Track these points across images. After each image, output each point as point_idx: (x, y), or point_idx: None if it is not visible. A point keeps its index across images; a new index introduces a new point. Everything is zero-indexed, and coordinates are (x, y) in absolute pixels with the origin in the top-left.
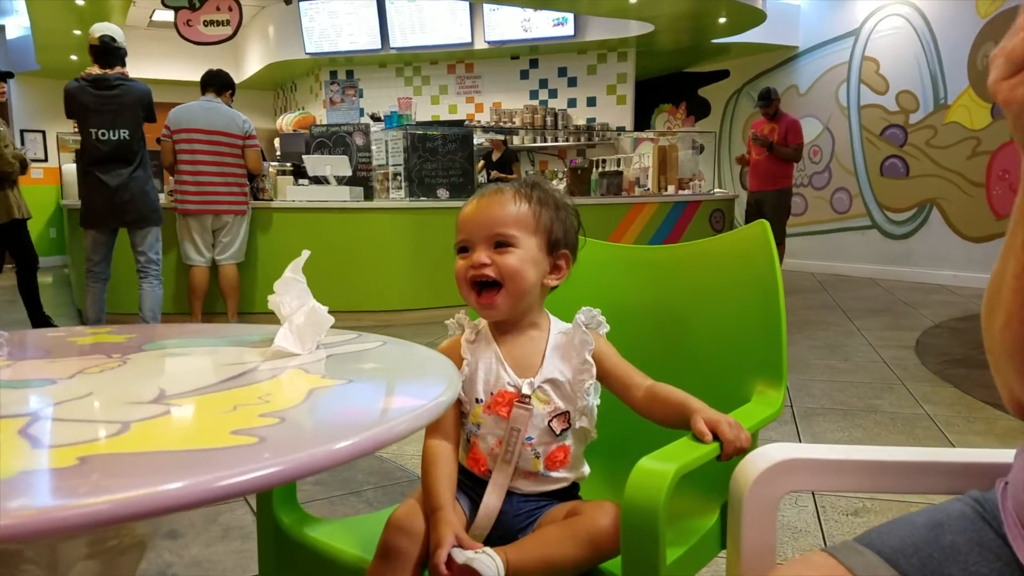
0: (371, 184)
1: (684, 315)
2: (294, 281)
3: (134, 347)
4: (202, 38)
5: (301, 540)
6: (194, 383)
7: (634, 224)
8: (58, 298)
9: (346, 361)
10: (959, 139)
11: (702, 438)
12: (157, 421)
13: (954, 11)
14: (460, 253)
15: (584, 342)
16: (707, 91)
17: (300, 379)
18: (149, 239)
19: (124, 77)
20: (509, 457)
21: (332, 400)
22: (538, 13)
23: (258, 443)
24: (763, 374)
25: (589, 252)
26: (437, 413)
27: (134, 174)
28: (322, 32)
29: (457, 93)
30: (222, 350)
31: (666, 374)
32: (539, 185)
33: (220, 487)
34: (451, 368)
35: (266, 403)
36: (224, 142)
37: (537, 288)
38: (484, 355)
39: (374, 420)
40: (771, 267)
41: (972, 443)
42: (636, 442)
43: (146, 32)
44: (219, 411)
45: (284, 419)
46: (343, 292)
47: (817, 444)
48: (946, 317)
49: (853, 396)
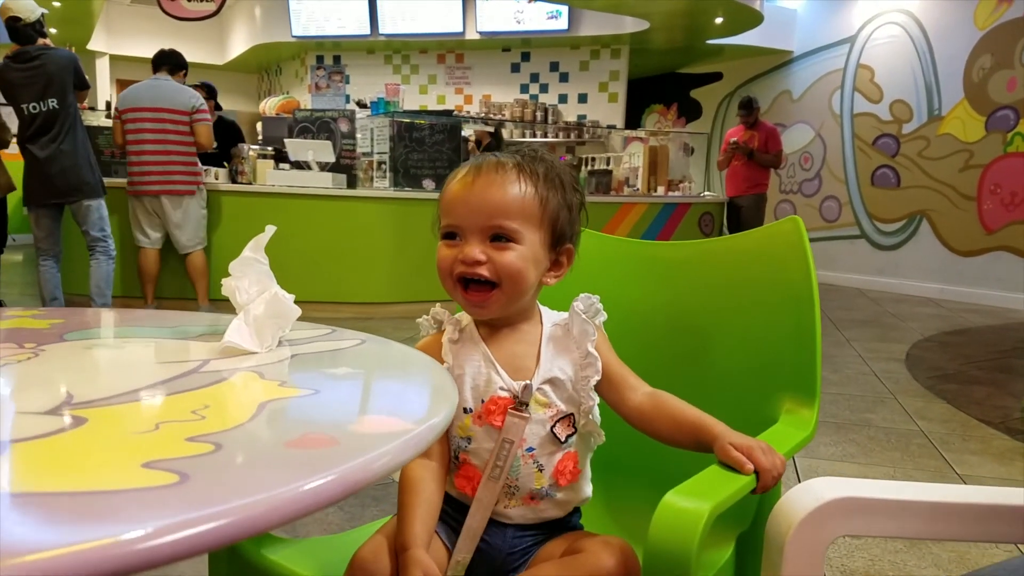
0: (354, 172)
1: (704, 320)
2: (254, 262)
3: (54, 336)
4: (185, 13)
5: (258, 562)
6: (112, 387)
7: (622, 224)
8: (27, 276)
9: (314, 364)
10: (952, 151)
11: (740, 467)
12: (44, 443)
13: (951, 22)
14: (445, 239)
15: (584, 332)
16: (699, 93)
17: (252, 386)
18: (90, 215)
19: (46, 47)
20: (497, 473)
21: (289, 419)
22: (532, 5)
23: (175, 485)
24: (794, 391)
25: (597, 246)
26: (428, 440)
27: (62, 146)
28: (310, 15)
29: (446, 84)
30: (160, 344)
31: (681, 386)
32: (544, 159)
33: (92, 561)
34: (444, 376)
35: (200, 420)
36: (168, 119)
37: (535, 286)
38: (471, 357)
39: (343, 452)
40: (805, 270)
41: (969, 462)
42: (637, 455)
43: (130, 8)
44: (135, 429)
45: (219, 446)
46: (321, 282)
47: (873, 480)
48: (935, 331)
49: (845, 409)
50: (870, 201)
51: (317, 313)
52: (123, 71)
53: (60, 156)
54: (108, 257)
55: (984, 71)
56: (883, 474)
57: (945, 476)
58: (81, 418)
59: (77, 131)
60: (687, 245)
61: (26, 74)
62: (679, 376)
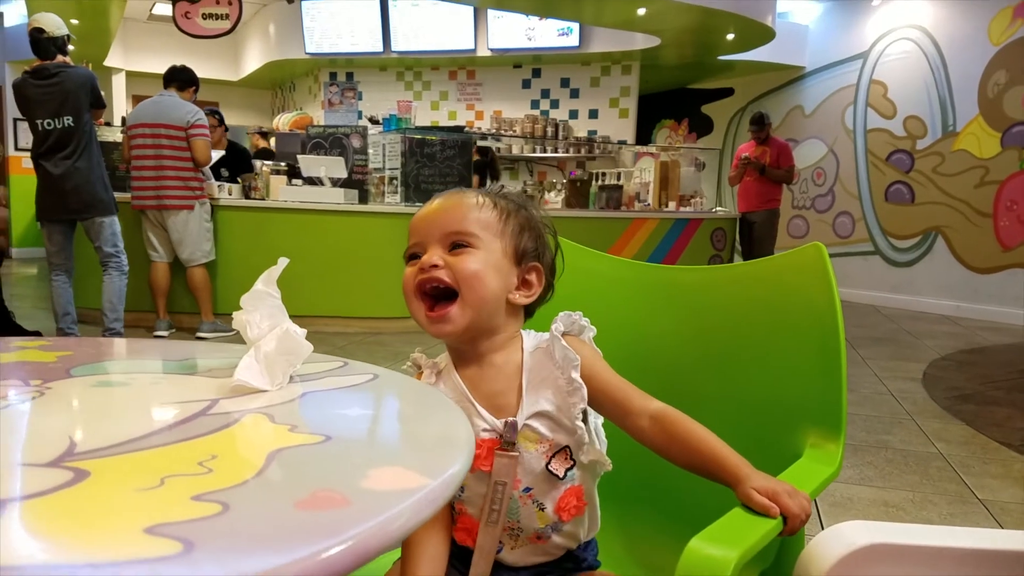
0: (366, 187)
1: (723, 349)
2: (266, 296)
3: (61, 371)
4: (200, 31)
5: None
6: (118, 432)
7: (634, 239)
8: (41, 290)
9: (326, 404)
10: (967, 167)
11: (767, 513)
12: (45, 502)
13: (965, 37)
14: (410, 261)
15: (567, 360)
16: (711, 108)
17: (262, 430)
18: (103, 231)
19: (65, 64)
20: (495, 518)
21: (300, 471)
22: (543, 22)
23: (178, 556)
24: (818, 423)
25: (612, 270)
26: (445, 496)
27: (77, 163)
28: (323, 32)
29: (458, 100)
30: (166, 380)
31: (701, 416)
32: (510, 195)
33: None
34: (459, 418)
35: (208, 473)
36: (164, 134)
37: (501, 302)
38: (449, 399)
39: (356, 513)
40: (829, 297)
41: (990, 487)
42: (649, 481)
43: (146, 25)
44: (139, 484)
45: (227, 506)
46: (333, 296)
47: (906, 524)
48: (952, 349)
49: (861, 430)
50: (884, 217)
51: (328, 328)
52: (139, 87)
53: (74, 173)
54: (121, 273)
55: (999, 87)
56: (902, 498)
57: (966, 501)
58: (84, 471)
59: (92, 149)
60: (705, 270)
61: (43, 90)
62: (699, 406)
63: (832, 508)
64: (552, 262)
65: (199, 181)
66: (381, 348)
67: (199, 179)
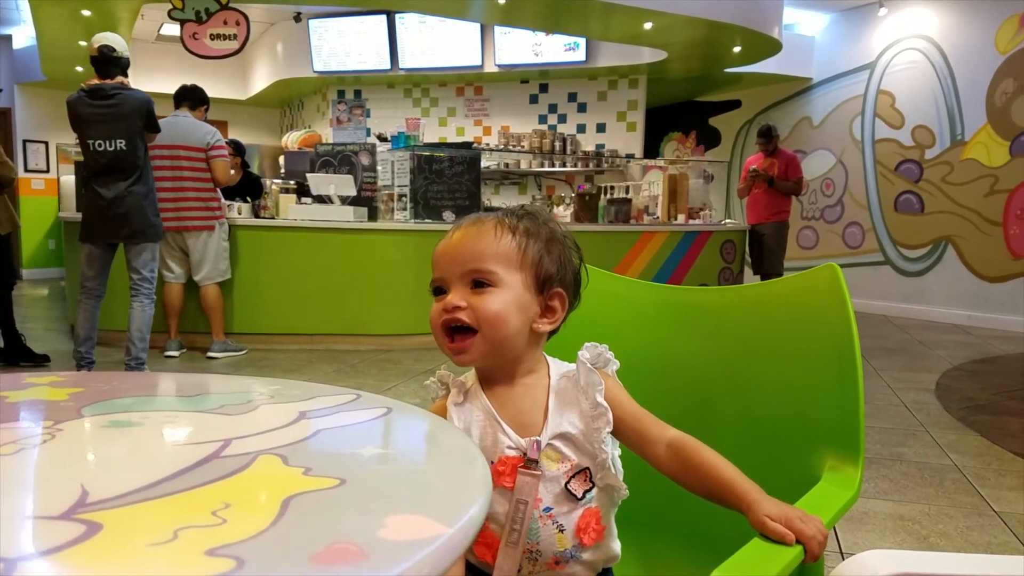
0: (375, 205)
1: (739, 371)
2: None
3: (73, 411)
4: (208, 52)
5: None
6: (130, 480)
7: (643, 253)
8: (52, 311)
9: (339, 443)
10: (976, 176)
11: (783, 540)
12: (59, 557)
13: (972, 46)
14: (436, 295)
15: (591, 382)
16: (718, 120)
17: (276, 474)
18: (144, 256)
19: (122, 86)
20: (516, 538)
21: (315, 519)
22: (549, 38)
23: None
24: (836, 446)
25: (629, 291)
26: (464, 544)
27: (132, 187)
28: (331, 51)
29: (465, 116)
30: (181, 419)
31: (715, 440)
32: (529, 214)
33: None
34: (474, 454)
35: (222, 524)
36: (184, 155)
37: (524, 334)
38: (476, 417)
39: (373, 567)
40: (845, 318)
41: (1006, 499)
42: (667, 507)
43: (154, 45)
44: (152, 538)
45: (242, 562)
46: (343, 314)
47: (931, 553)
48: (964, 359)
49: (876, 443)
50: (894, 227)
51: (339, 346)
52: None
53: (128, 198)
54: (151, 301)
55: (1007, 95)
56: (918, 512)
57: (982, 513)
58: (96, 524)
59: (146, 174)
60: (721, 291)
61: (99, 111)
62: (716, 427)
63: (847, 522)
64: (576, 276)
65: (218, 201)
66: (393, 366)
67: (218, 199)
